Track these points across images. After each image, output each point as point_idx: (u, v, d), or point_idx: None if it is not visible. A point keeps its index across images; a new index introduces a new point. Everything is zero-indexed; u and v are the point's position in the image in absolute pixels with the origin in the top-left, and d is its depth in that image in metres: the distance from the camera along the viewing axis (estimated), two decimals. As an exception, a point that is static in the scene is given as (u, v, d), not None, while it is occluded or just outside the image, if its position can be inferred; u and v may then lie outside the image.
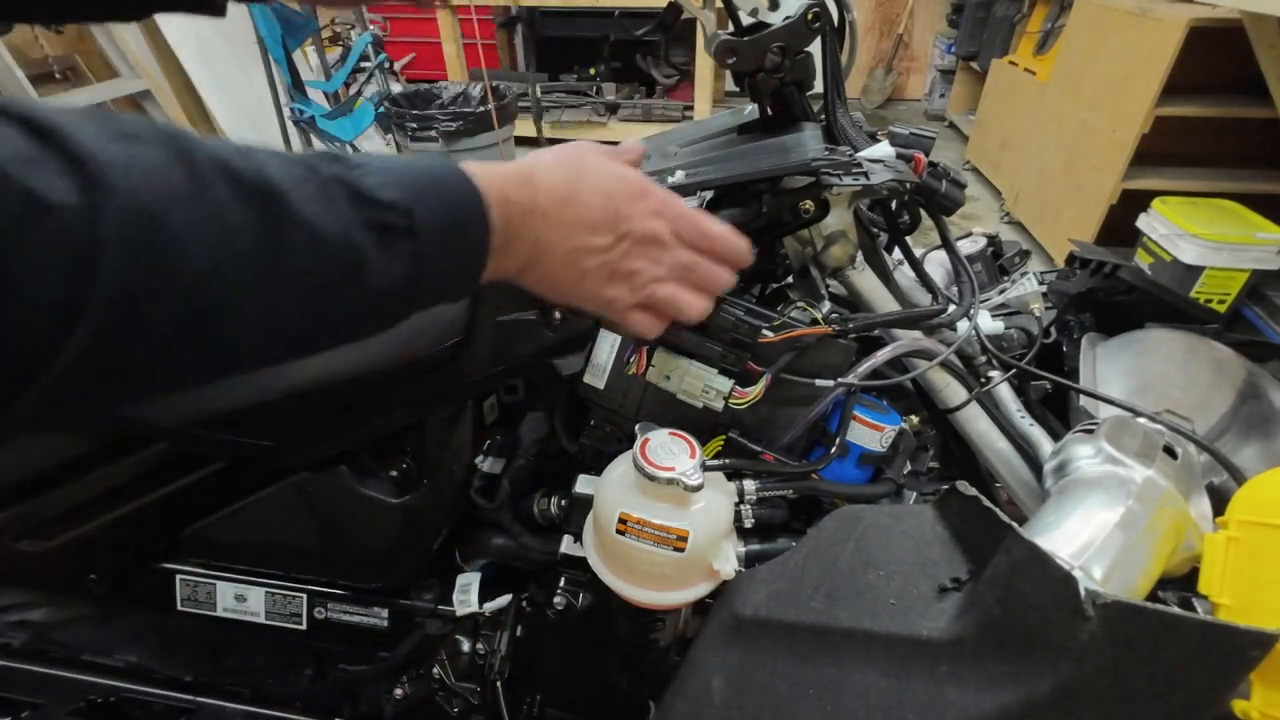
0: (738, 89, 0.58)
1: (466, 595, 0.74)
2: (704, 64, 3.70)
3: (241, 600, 0.75)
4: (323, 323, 0.33)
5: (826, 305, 0.60)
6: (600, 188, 0.42)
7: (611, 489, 0.56)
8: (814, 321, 0.58)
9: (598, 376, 0.63)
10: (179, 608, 0.76)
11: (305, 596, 0.76)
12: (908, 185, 0.56)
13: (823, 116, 0.60)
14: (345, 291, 0.32)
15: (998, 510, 0.42)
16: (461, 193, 0.36)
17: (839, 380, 0.57)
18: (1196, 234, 1.87)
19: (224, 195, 0.27)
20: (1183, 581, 0.46)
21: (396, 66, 4.03)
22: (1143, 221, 2.07)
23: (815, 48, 0.56)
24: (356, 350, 0.64)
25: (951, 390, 0.62)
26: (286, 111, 2.92)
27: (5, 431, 0.26)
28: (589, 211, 0.41)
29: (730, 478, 0.59)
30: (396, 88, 3.17)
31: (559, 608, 0.69)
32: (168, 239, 0.26)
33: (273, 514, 0.71)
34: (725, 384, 0.59)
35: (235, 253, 0.28)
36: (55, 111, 0.26)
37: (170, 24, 2.92)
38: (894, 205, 0.63)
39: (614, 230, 0.42)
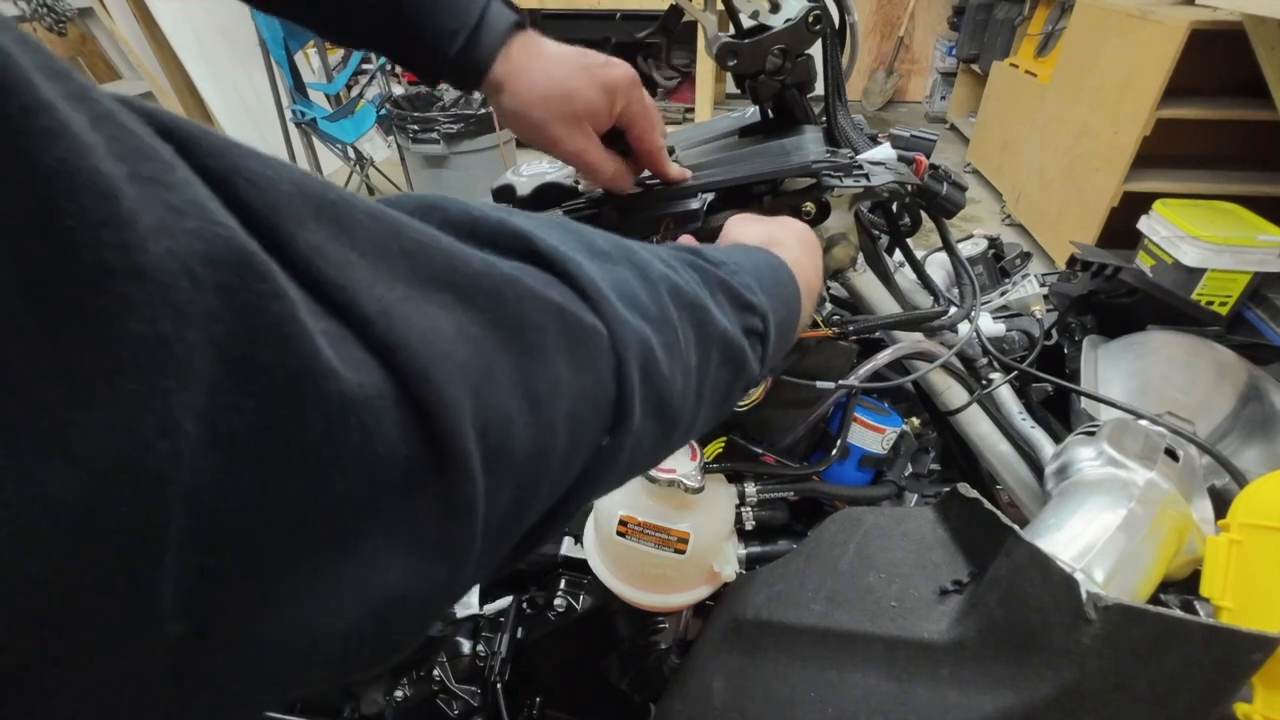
0: (738, 91, 0.58)
1: (467, 597, 0.74)
2: (705, 66, 3.71)
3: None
4: (708, 421, 0.33)
5: (827, 307, 0.60)
6: (801, 240, 0.46)
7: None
8: (815, 324, 0.58)
9: (598, 378, 0.63)
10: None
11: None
12: (909, 187, 0.56)
13: (824, 119, 0.60)
14: (730, 395, 0.33)
15: (999, 513, 0.42)
16: (789, 287, 0.39)
17: (840, 382, 0.57)
18: (1198, 236, 1.87)
19: (675, 316, 0.28)
20: (1184, 584, 0.46)
21: (398, 69, 4.04)
22: (1144, 224, 2.07)
23: (816, 50, 0.56)
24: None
25: (953, 392, 0.62)
26: (288, 113, 2.93)
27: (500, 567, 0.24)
28: (812, 265, 0.45)
29: (731, 480, 0.59)
30: (398, 90, 3.18)
31: (559, 610, 0.69)
32: (657, 370, 0.25)
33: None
34: (726, 386, 0.59)
35: (685, 373, 0.28)
36: (543, 232, 0.25)
37: (171, 25, 2.93)
38: (895, 207, 0.63)
39: (812, 257, 0.47)
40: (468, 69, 0.50)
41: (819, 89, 0.60)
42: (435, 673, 0.78)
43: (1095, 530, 0.42)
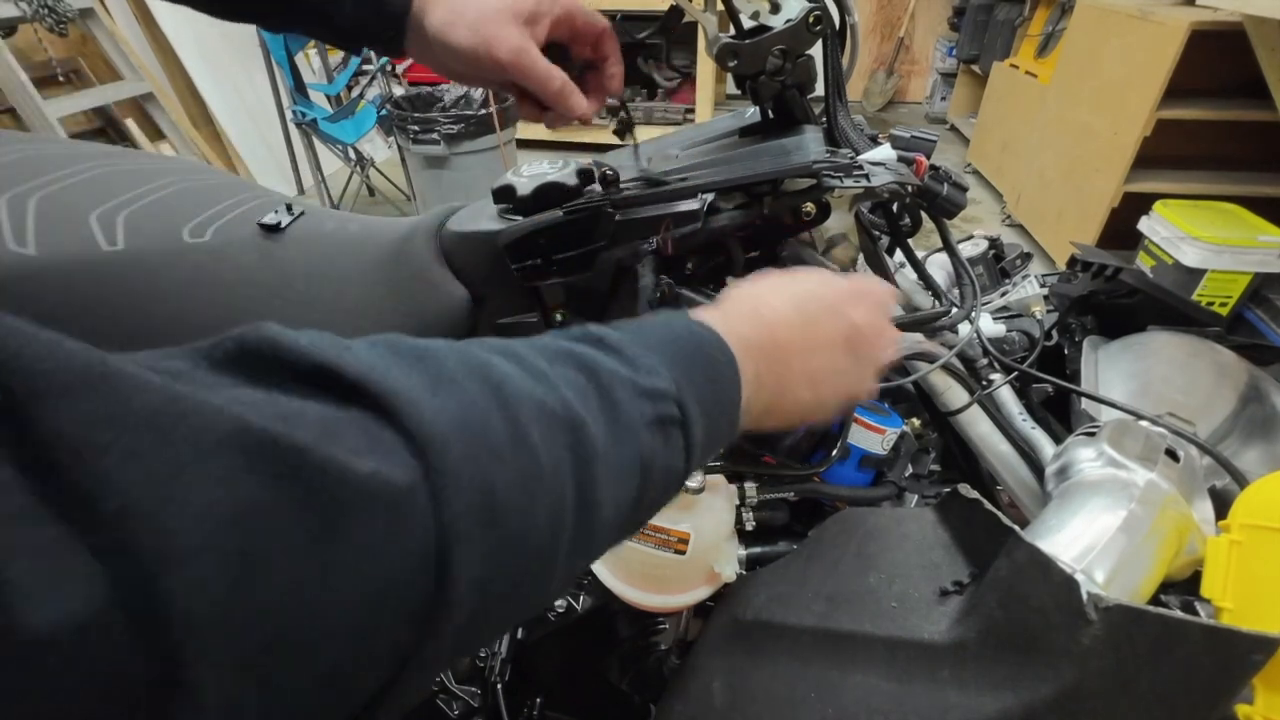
0: (739, 92, 0.58)
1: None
2: (705, 67, 3.71)
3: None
4: (614, 533, 0.31)
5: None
6: (824, 303, 0.40)
7: (612, 491, 0.56)
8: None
9: (599, 379, 0.63)
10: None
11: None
12: (909, 188, 0.56)
13: (824, 119, 0.60)
14: (635, 501, 0.30)
15: (999, 513, 0.42)
16: (716, 361, 0.34)
17: (840, 383, 0.57)
18: (1198, 237, 1.87)
19: (537, 441, 0.25)
20: (1185, 585, 0.46)
21: (399, 69, 4.04)
22: (1144, 224, 2.07)
23: (816, 51, 0.56)
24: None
25: (953, 393, 0.62)
26: (289, 114, 2.93)
27: None
28: (822, 331, 0.40)
29: (731, 480, 0.59)
30: (398, 90, 3.18)
31: (559, 610, 0.69)
32: (504, 513, 0.23)
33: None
34: (726, 386, 0.58)
35: (553, 505, 0.25)
36: (354, 356, 0.22)
37: (171, 26, 2.93)
38: (895, 208, 0.63)
39: (849, 343, 0.41)
40: (386, 19, 0.48)
41: (819, 89, 0.60)
42: (435, 673, 0.78)
43: (1096, 531, 0.42)
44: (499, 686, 0.75)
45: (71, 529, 0.14)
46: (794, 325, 0.39)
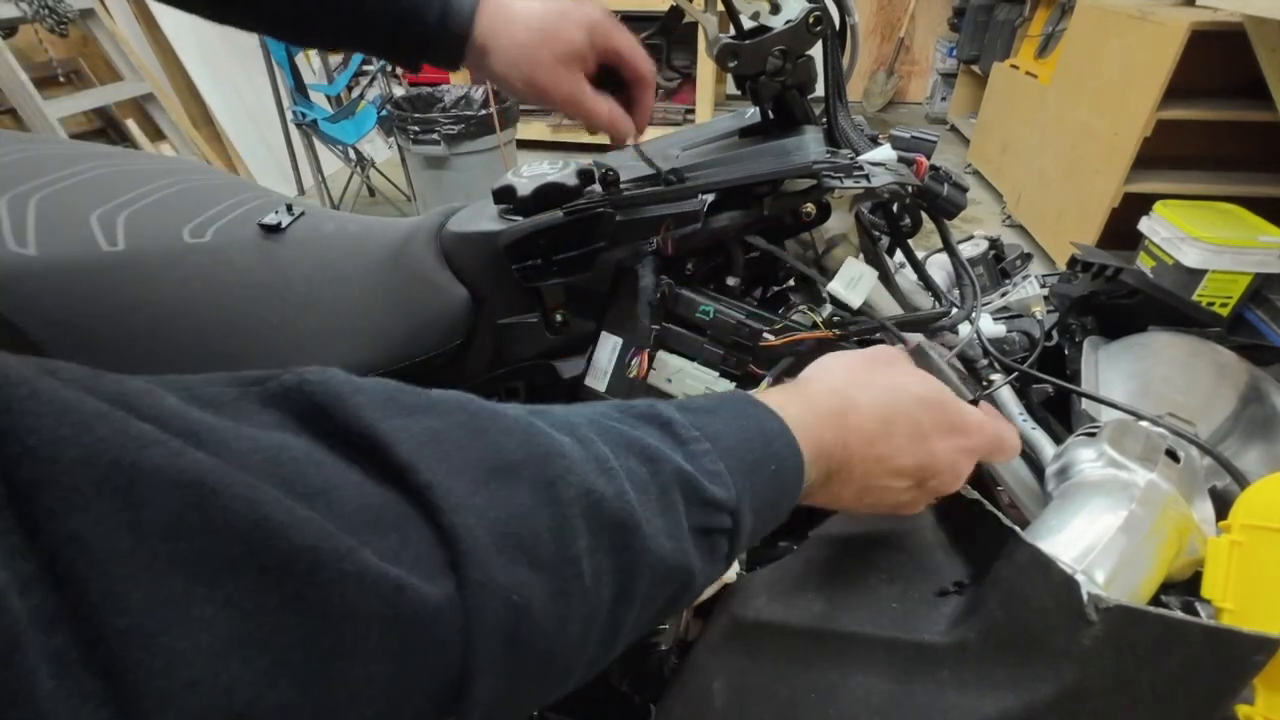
0: (739, 92, 0.58)
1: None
2: (705, 67, 3.71)
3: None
4: (637, 634, 0.29)
5: (828, 308, 0.60)
6: (914, 427, 0.38)
7: (612, 492, 0.56)
8: (815, 325, 0.58)
9: (599, 379, 0.63)
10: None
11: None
12: (909, 188, 0.56)
13: (824, 120, 0.60)
14: (667, 605, 0.29)
15: (1000, 514, 0.42)
16: (785, 467, 0.32)
17: (840, 383, 0.57)
18: (1198, 237, 1.87)
19: (583, 551, 0.23)
20: (1186, 586, 0.46)
21: (399, 70, 4.05)
22: (1144, 225, 2.07)
23: (816, 51, 0.56)
24: (357, 352, 0.64)
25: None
26: (289, 114, 2.93)
27: None
28: (898, 456, 0.37)
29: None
30: (399, 91, 3.18)
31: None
32: (535, 633, 0.22)
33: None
34: (727, 387, 0.58)
35: (588, 618, 0.24)
36: (408, 432, 0.20)
37: (172, 26, 2.93)
38: (896, 208, 0.63)
39: (919, 474, 0.38)
40: (450, 39, 0.50)
41: (819, 90, 0.60)
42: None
43: (1096, 531, 0.42)
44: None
45: (75, 643, 0.13)
46: (873, 442, 0.36)
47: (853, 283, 0.55)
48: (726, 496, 0.28)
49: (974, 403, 0.43)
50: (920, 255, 0.66)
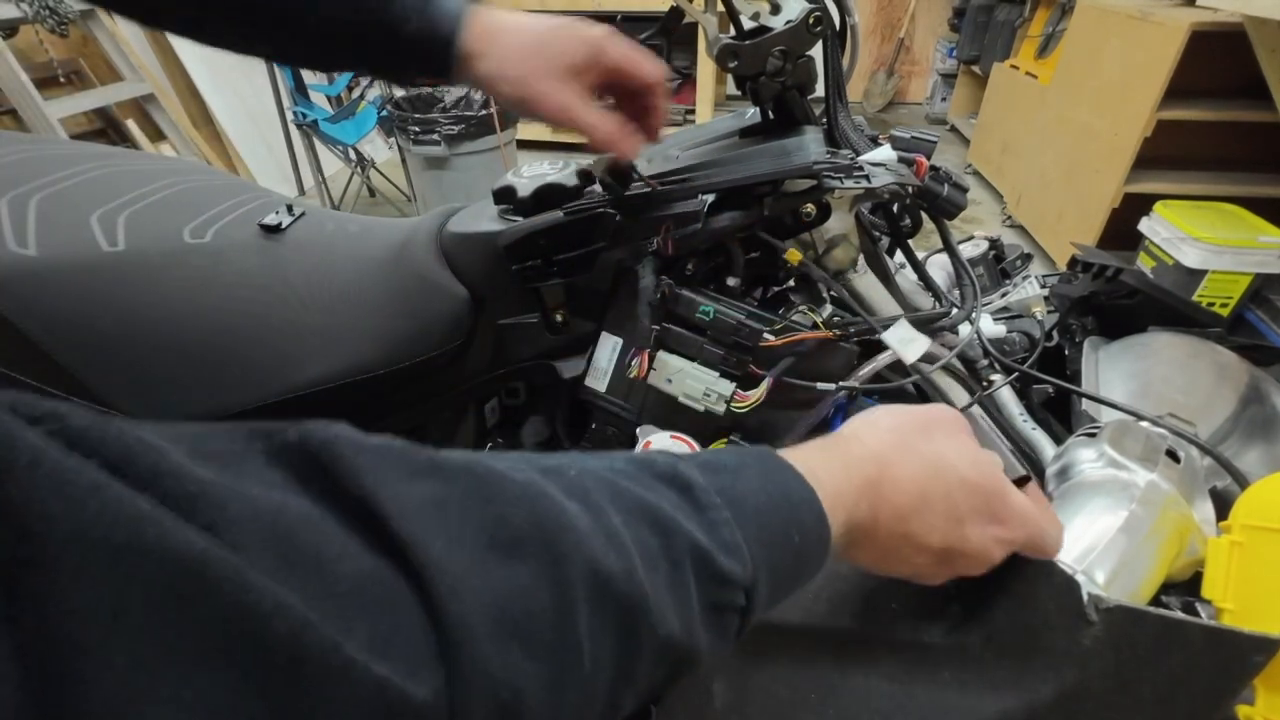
0: (739, 93, 0.58)
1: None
2: (705, 68, 3.71)
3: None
4: (631, 707, 0.27)
5: (828, 309, 0.60)
6: (952, 509, 0.35)
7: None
8: (815, 325, 0.58)
9: (599, 379, 0.63)
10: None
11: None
12: (909, 189, 0.56)
13: (824, 120, 0.60)
14: (664, 681, 0.27)
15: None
16: (809, 539, 0.30)
17: (841, 384, 0.57)
18: (1199, 237, 1.87)
19: (585, 633, 0.22)
20: (1186, 586, 0.46)
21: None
22: (1145, 225, 2.07)
23: (817, 51, 0.56)
24: (357, 353, 0.64)
25: (954, 393, 0.62)
26: (289, 115, 2.93)
27: None
28: (929, 533, 0.34)
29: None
30: (399, 91, 3.18)
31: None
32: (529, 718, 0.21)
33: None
34: (727, 387, 0.58)
35: (584, 701, 0.23)
36: (408, 502, 0.20)
37: (174, 28, 2.93)
38: (896, 209, 0.63)
39: (945, 555, 0.35)
40: (435, 42, 0.48)
41: (819, 90, 0.60)
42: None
43: (1097, 532, 0.42)
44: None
45: None
46: (905, 519, 0.34)
47: (905, 342, 0.55)
48: (742, 573, 0.27)
49: (1025, 480, 0.40)
50: (920, 255, 0.66)
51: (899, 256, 0.67)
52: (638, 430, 0.61)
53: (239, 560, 0.16)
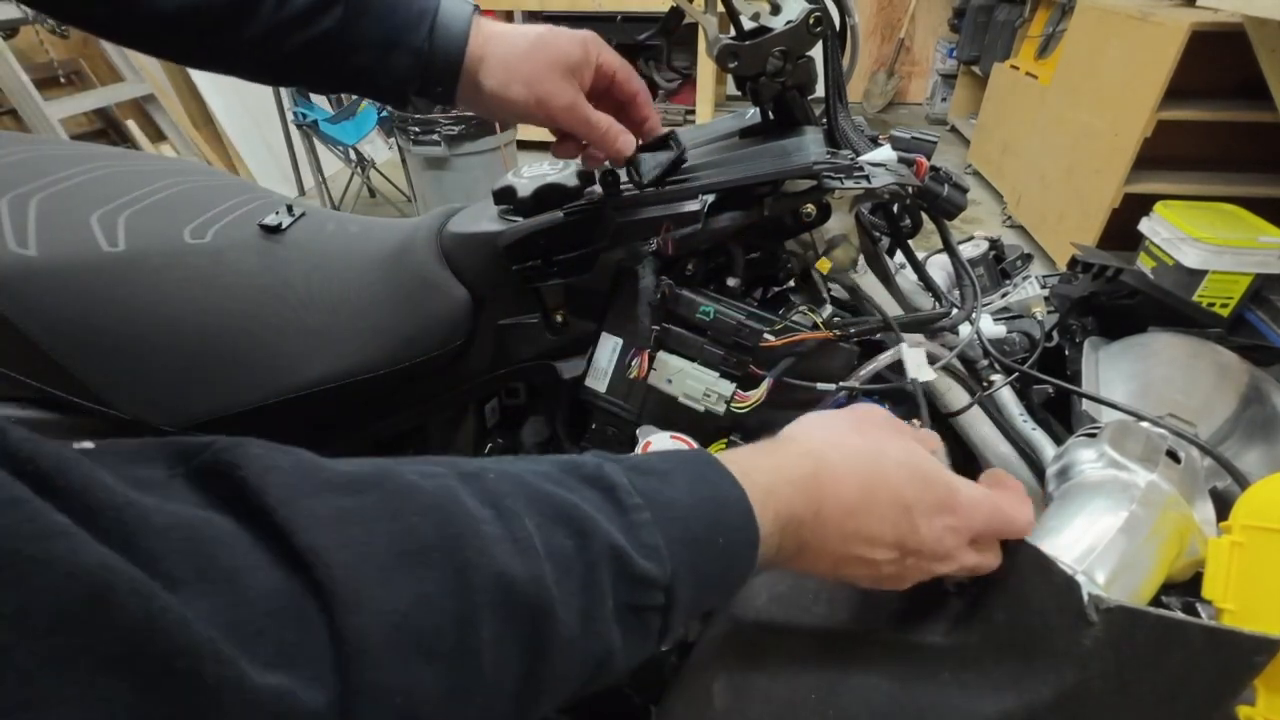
0: (739, 93, 0.58)
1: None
2: (705, 68, 3.71)
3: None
4: (549, 709, 0.27)
5: (828, 309, 0.60)
6: (897, 498, 0.35)
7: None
8: (815, 325, 0.58)
9: (599, 379, 0.63)
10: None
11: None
12: (909, 189, 0.56)
13: (824, 120, 0.60)
14: (582, 685, 0.27)
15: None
16: (736, 540, 0.30)
17: (841, 384, 0.57)
18: (1199, 238, 1.87)
19: (487, 639, 0.23)
20: (1186, 586, 0.46)
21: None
22: (1145, 225, 2.07)
23: (817, 52, 0.56)
24: (357, 353, 0.64)
25: (954, 394, 0.62)
26: (289, 115, 2.93)
27: None
28: (878, 526, 0.34)
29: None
30: (399, 91, 3.18)
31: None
32: None
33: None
34: (727, 388, 0.58)
35: (485, 707, 0.23)
36: (312, 514, 0.20)
37: (174, 28, 2.93)
38: (896, 209, 0.63)
39: (900, 548, 0.35)
40: (440, 55, 0.49)
41: (819, 91, 0.60)
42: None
43: (1097, 532, 0.42)
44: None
45: None
46: (852, 513, 0.34)
47: (917, 366, 0.55)
48: (660, 573, 0.27)
49: (975, 475, 0.39)
50: (920, 256, 0.66)
51: (899, 257, 0.67)
52: (638, 430, 0.61)
53: (146, 576, 0.17)
